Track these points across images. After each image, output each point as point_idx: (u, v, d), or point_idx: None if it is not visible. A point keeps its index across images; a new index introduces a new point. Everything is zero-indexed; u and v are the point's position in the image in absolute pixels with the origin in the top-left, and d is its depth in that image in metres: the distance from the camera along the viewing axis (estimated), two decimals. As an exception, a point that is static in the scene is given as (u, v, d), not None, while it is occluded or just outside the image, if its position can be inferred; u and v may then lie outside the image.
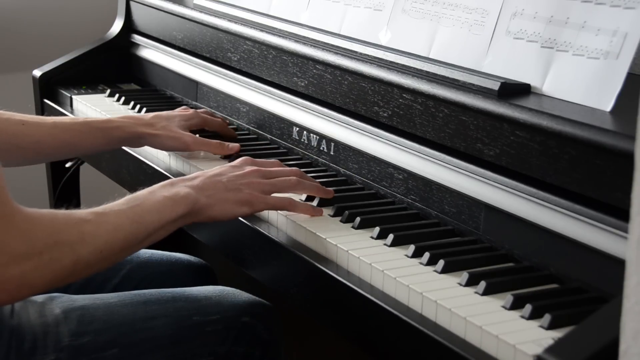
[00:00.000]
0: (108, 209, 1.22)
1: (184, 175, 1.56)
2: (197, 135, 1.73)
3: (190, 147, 1.68)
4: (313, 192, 1.45)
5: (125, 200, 1.26)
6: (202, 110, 1.84)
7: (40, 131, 1.59)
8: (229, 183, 1.37)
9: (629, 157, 0.88)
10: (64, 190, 2.16)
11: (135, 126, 1.66)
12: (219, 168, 1.41)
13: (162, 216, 1.26)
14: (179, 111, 1.78)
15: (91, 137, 1.63)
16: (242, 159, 1.47)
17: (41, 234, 1.10)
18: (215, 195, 1.34)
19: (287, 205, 1.41)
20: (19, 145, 1.58)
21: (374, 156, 1.52)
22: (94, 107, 2.04)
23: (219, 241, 1.58)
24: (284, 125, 1.75)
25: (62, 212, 1.17)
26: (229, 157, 1.68)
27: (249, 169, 1.42)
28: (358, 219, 1.37)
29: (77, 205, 2.13)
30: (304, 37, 1.70)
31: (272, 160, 1.52)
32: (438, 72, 1.41)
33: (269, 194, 1.40)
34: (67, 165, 2.12)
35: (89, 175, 2.21)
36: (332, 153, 1.62)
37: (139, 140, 1.68)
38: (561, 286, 1.19)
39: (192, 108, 2.04)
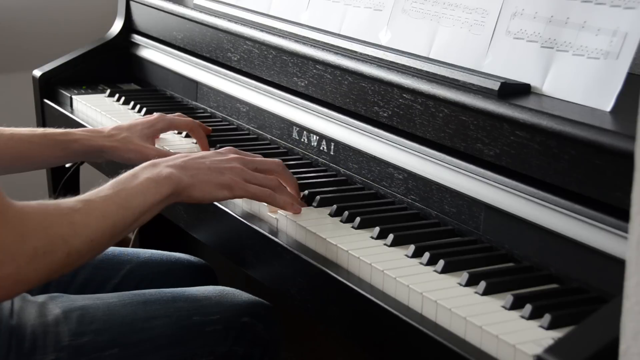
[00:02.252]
0: (94, 195, 1.22)
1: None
2: (165, 148, 1.69)
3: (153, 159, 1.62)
4: (287, 199, 1.42)
5: (110, 185, 1.25)
6: (176, 114, 1.78)
7: None
8: (212, 165, 1.36)
9: (629, 157, 0.88)
10: (64, 190, 2.16)
11: (94, 139, 1.61)
12: (203, 152, 1.41)
13: (147, 198, 1.26)
14: (141, 118, 1.72)
15: (49, 149, 1.58)
16: (227, 147, 1.47)
17: (34, 228, 1.10)
18: (197, 176, 1.33)
19: (267, 197, 1.40)
20: None
21: (374, 156, 1.52)
22: (94, 107, 2.04)
23: (219, 241, 1.58)
24: (284, 125, 1.75)
25: (51, 203, 1.16)
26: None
27: (232, 156, 1.42)
28: (358, 219, 1.37)
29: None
30: (304, 37, 1.70)
31: (257, 155, 1.51)
32: (438, 72, 1.41)
33: (250, 183, 1.39)
34: (67, 165, 2.12)
35: (89, 175, 2.21)
36: (332, 153, 1.62)
37: (100, 153, 1.62)
38: (561, 286, 1.19)
39: (190, 108, 2.04)
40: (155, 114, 1.73)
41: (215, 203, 1.50)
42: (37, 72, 2.24)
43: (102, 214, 1.19)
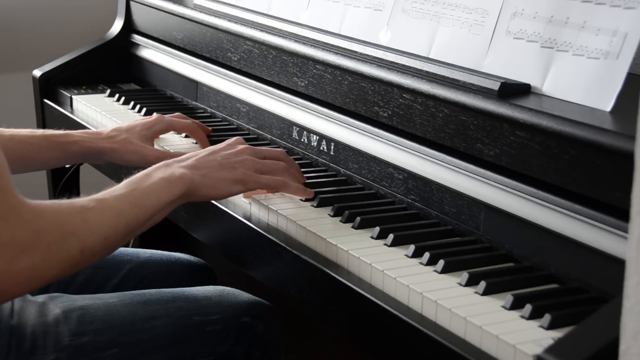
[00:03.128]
0: (108, 194, 1.23)
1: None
2: (163, 148, 1.69)
3: (151, 162, 1.55)
4: (295, 181, 1.47)
5: (124, 184, 1.26)
6: (175, 114, 1.77)
7: None
8: (223, 161, 1.38)
9: (629, 157, 0.88)
10: (64, 190, 2.16)
11: (94, 141, 1.61)
12: (212, 147, 1.43)
13: (160, 198, 1.27)
14: (140, 120, 1.71)
15: (48, 151, 1.58)
16: (234, 138, 1.48)
17: (47, 225, 1.11)
18: (210, 174, 1.35)
19: (280, 186, 1.43)
20: None
21: (374, 156, 1.52)
22: (94, 107, 2.04)
23: (219, 241, 1.58)
24: (284, 125, 1.75)
25: (65, 201, 1.17)
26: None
27: (241, 147, 1.44)
28: (358, 219, 1.37)
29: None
30: (304, 37, 1.70)
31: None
32: (438, 72, 1.41)
33: (261, 173, 1.41)
34: (67, 165, 2.12)
35: (89, 175, 2.21)
36: (332, 153, 1.62)
37: (99, 155, 1.62)
38: (561, 286, 1.19)
39: (190, 108, 2.04)
40: (154, 115, 1.73)
41: (215, 203, 1.51)
42: (37, 72, 2.24)
43: (116, 213, 1.20)
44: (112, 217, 1.20)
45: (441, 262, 1.23)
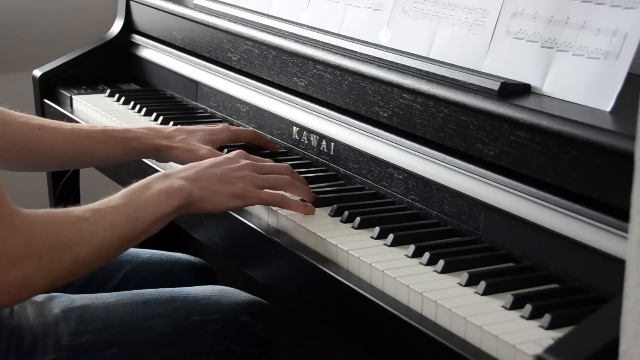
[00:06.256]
0: (104, 205, 1.22)
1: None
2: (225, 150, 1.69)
3: (203, 157, 1.56)
4: (302, 194, 1.45)
5: (121, 195, 1.25)
6: (242, 129, 1.76)
7: (55, 137, 1.55)
8: (223, 175, 1.37)
9: (629, 157, 0.88)
10: (64, 190, 2.16)
11: (154, 138, 1.59)
12: (214, 159, 1.41)
13: (157, 210, 1.26)
14: (205, 126, 1.70)
15: (108, 146, 1.57)
16: (237, 151, 1.47)
17: (40, 235, 1.10)
18: (209, 187, 1.34)
19: (280, 202, 1.41)
20: (33, 150, 1.54)
21: (374, 156, 1.52)
22: (94, 107, 2.04)
23: (219, 241, 1.58)
24: (284, 125, 1.75)
25: (59, 211, 1.16)
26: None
27: (243, 162, 1.42)
28: (358, 219, 1.37)
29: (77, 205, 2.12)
30: (304, 37, 1.70)
31: (266, 160, 1.52)
32: (438, 72, 1.41)
33: (262, 188, 1.40)
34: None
35: (89, 175, 2.21)
36: (332, 153, 1.62)
37: (157, 152, 1.60)
38: (561, 286, 1.19)
39: (190, 108, 2.04)
40: (221, 124, 1.70)
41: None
42: (37, 72, 2.24)
43: (111, 224, 1.20)
44: (106, 228, 1.19)
45: (441, 262, 1.23)
